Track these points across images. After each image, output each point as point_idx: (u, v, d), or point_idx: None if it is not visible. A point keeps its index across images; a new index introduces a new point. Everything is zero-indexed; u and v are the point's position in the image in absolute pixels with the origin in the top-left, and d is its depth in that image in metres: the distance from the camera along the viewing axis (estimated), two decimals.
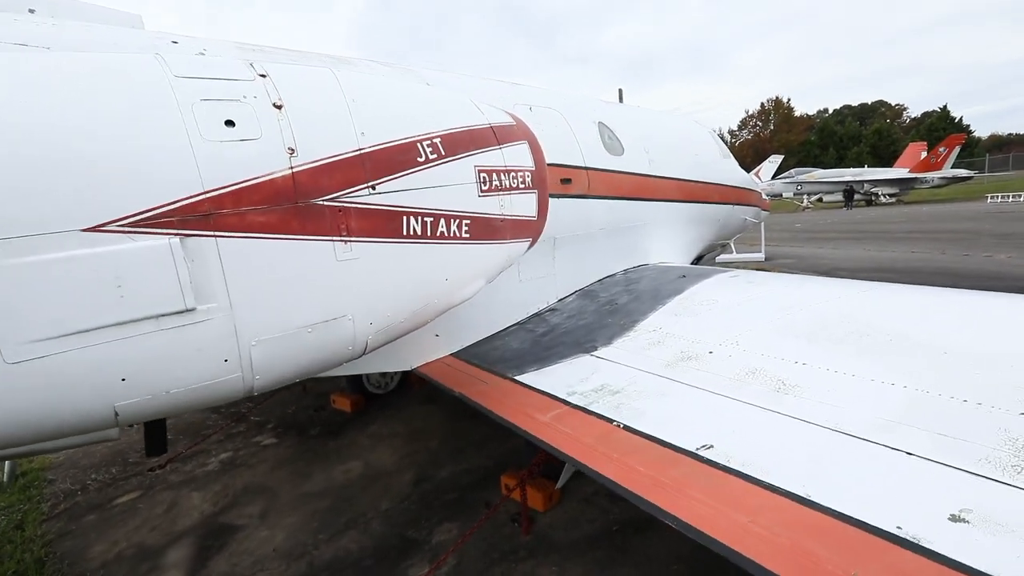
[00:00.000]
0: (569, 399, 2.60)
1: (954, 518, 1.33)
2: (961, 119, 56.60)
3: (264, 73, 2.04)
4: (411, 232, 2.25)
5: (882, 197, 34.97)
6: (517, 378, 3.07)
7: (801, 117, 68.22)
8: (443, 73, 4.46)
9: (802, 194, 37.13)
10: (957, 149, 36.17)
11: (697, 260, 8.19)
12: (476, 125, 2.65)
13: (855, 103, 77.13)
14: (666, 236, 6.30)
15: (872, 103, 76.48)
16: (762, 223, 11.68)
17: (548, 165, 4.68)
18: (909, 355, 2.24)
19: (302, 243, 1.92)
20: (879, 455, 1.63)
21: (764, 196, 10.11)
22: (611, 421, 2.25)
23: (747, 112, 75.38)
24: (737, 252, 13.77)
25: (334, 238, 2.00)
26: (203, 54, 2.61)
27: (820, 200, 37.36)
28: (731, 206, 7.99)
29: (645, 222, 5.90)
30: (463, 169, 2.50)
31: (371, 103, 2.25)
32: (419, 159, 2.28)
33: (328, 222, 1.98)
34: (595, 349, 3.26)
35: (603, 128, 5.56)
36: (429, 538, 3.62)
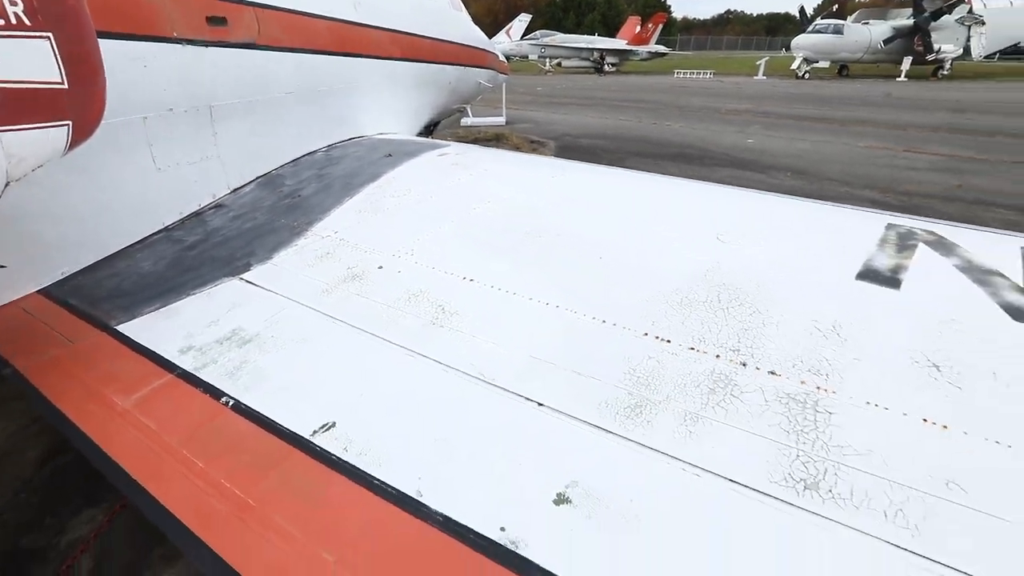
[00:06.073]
0: (179, 361, 1.82)
1: (559, 499, 1.15)
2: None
3: None
4: None
5: (607, 66, 39.15)
6: (120, 327, 2.09)
7: None
8: None
9: (545, 57, 38.86)
10: (660, 27, 42.10)
11: (432, 127, 7.56)
12: None
13: None
14: (385, 102, 5.38)
15: None
16: (503, 87, 11.46)
17: None
18: (573, 261, 2.10)
19: None
20: (513, 414, 1.38)
21: (502, 58, 9.69)
22: (220, 396, 1.60)
23: None
24: (479, 117, 13.71)
25: None
26: None
27: (559, 65, 39.83)
28: (463, 68, 7.33)
29: (354, 85, 4.83)
30: None
31: None
32: None
33: None
34: (248, 268, 2.45)
35: None
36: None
